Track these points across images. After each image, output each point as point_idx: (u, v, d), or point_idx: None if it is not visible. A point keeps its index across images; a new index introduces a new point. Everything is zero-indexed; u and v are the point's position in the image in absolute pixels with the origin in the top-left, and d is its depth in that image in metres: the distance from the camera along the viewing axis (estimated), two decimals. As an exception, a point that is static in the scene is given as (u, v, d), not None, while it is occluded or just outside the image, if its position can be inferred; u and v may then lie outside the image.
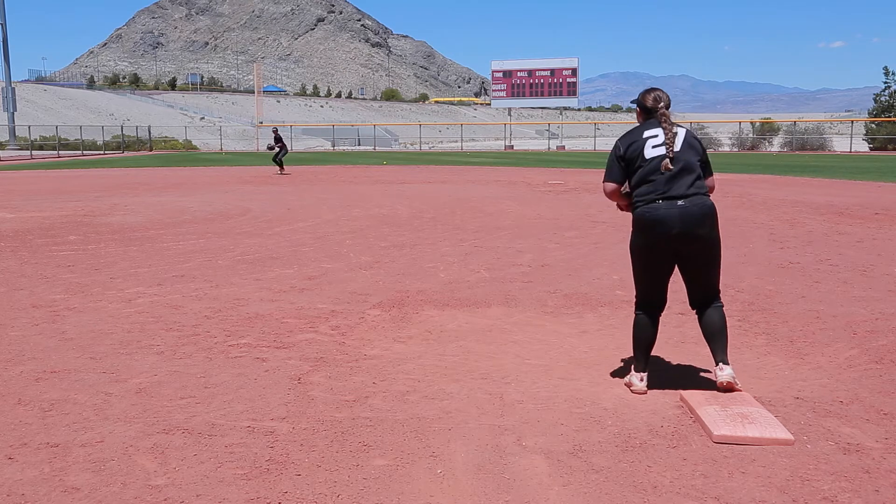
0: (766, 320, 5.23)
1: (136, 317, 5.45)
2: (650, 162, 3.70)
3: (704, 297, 3.79)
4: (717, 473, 2.90)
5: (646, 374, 3.84)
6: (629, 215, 3.98)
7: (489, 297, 6.04)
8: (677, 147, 3.69)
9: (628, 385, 3.85)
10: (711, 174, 3.84)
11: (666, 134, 3.70)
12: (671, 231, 3.61)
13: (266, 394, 3.80)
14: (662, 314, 3.90)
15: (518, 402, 3.67)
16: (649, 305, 3.85)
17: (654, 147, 3.71)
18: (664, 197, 3.63)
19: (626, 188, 3.88)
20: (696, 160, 3.72)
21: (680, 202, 3.61)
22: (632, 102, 4.07)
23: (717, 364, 3.70)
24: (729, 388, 3.64)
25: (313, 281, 6.76)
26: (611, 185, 3.90)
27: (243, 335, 4.93)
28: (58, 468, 2.96)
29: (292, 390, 3.85)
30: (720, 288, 3.83)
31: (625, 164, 3.81)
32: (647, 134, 3.77)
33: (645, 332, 3.85)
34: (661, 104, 3.82)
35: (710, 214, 3.65)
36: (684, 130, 3.77)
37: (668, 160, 3.65)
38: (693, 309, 3.87)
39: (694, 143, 3.77)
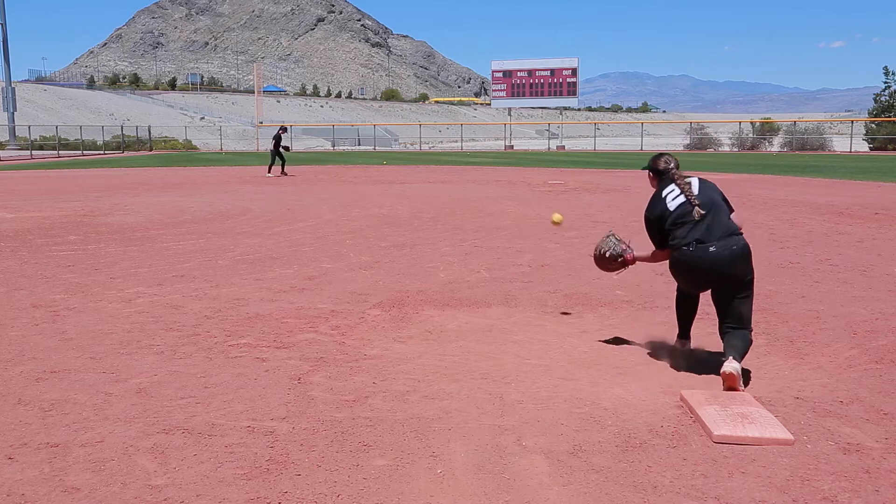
0: (766, 320, 5.22)
1: (136, 317, 5.45)
2: (675, 211, 3.98)
3: (733, 326, 3.92)
4: (717, 473, 2.90)
5: (686, 342, 4.38)
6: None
7: (489, 297, 6.04)
8: (695, 192, 3.99)
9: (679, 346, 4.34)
10: (733, 210, 4.08)
11: (681, 187, 4.02)
12: (702, 274, 3.90)
13: (266, 394, 3.80)
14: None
15: (518, 402, 3.67)
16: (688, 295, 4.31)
17: (674, 199, 4.04)
18: (697, 242, 3.87)
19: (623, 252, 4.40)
20: (719, 197, 4.01)
21: (711, 248, 3.83)
22: (643, 168, 4.43)
23: (726, 357, 3.77)
24: (730, 381, 3.64)
25: (313, 281, 6.76)
26: (661, 252, 4.18)
27: (243, 335, 4.93)
28: (58, 468, 2.96)
29: (292, 390, 3.85)
30: (751, 318, 3.97)
31: (658, 223, 4.09)
32: (665, 192, 4.11)
33: (685, 306, 4.31)
34: (672, 164, 4.19)
35: (740, 255, 3.86)
36: (696, 178, 4.09)
37: (696, 207, 3.92)
38: (720, 332, 4.01)
39: (708, 184, 4.08)
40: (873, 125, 49.81)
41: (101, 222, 11.43)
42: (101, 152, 51.48)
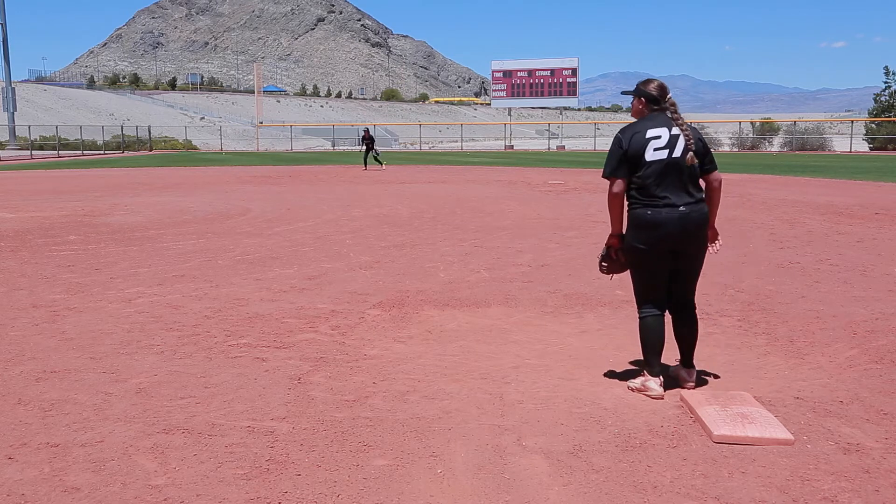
0: (766, 320, 5.22)
1: (136, 317, 5.45)
2: (650, 165, 3.57)
3: (685, 300, 3.84)
4: (717, 473, 2.90)
5: (661, 378, 3.74)
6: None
7: (489, 297, 6.04)
8: (678, 150, 3.59)
9: (642, 390, 3.71)
10: (716, 168, 3.76)
11: (681, 127, 3.62)
12: (672, 233, 3.59)
13: (266, 394, 3.80)
14: (645, 322, 3.79)
15: (518, 402, 3.67)
16: (652, 303, 3.74)
17: (655, 150, 3.57)
18: (666, 203, 3.57)
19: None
20: (693, 168, 3.65)
21: (682, 208, 3.57)
22: (627, 93, 3.85)
23: (686, 366, 3.82)
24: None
25: (313, 281, 6.76)
26: (618, 182, 3.64)
27: (243, 335, 4.93)
28: (58, 468, 2.96)
29: (292, 390, 3.85)
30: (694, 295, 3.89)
31: (628, 160, 3.62)
32: (650, 133, 3.60)
33: (654, 334, 3.72)
34: (670, 95, 3.71)
35: (704, 223, 3.67)
36: (685, 139, 3.66)
37: (692, 153, 3.60)
38: (668, 310, 3.82)
39: (697, 143, 3.70)
40: (873, 125, 49.81)
41: (101, 222, 11.43)
42: (101, 152, 51.48)
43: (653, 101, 3.69)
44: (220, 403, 3.66)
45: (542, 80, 56.67)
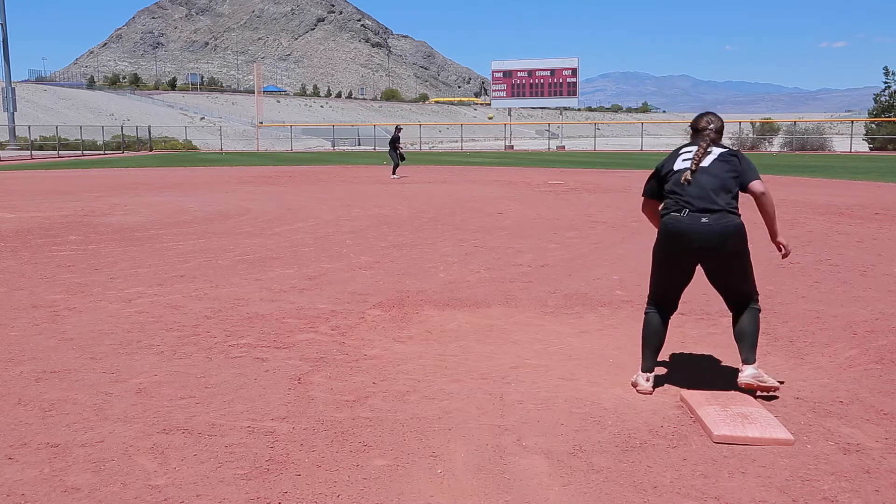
0: (766, 320, 5.21)
1: (136, 317, 5.45)
2: (676, 173, 3.78)
3: (736, 303, 3.82)
4: (717, 473, 2.90)
5: (652, 374, 3.84)
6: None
7: (489, 297, 6.04)
8: (706, 162, 3.73)
9: (634, 385, 3.85)
10: (756, 178, 3.78)
11: (698, 149, 3.78)
12: (691, 245, 3.65)
13: (266, 394, 3.80)
14: (648, 320, 3.91)
15: (518, 402, 3.67)
16: (656, 303, 3.89)
17: (683, 160, 3.80)
18: (690, 209, 3.66)
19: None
20: (729, 175, 3.71)
21: (704, 218, 3.64)
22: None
23: (742, 363, 3.73)
24: (748, 389, 3.65)
25: (313, 281, 6.76)
26: (644, 199, 4.02)
27: (243, 335, 4.93)
28: (58, 468, 2.96)
29: (292, 390, 3.85)
30: (755, 291, 3.81)
31: (658, 179, 3.89)
32: (683, 151, 3.89)
33: (653, 331, 3.86)
34: (711, 126, 3.92)
35: (732, 234, 3.65)
36: (722, 149, 3.80)
37: (688, 172, 3.71)
38: (729, 310, 3.89)
39: (730, 159, 3.76)
40: (873, 125, 49.82)
41: (101, 222, 11.43)
42: (102, 152, 51.48)
43: (694, 131, 4.00)
44: (220, 403, 3.66)
45: (542, 81, 56.65)
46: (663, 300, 3.87)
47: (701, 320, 5.25)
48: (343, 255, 8.17)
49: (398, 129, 23.41)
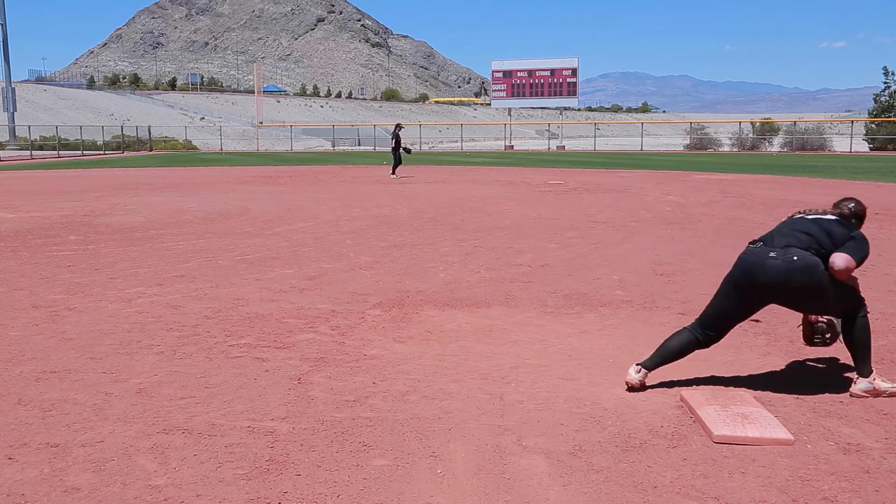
0: (766, 320, 5.22)
1: (136, 317, 5.45)
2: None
3: (841, 318, 3.81)
4: (717, 473, 2.90)
5: (647, 371, 3.82)
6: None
7: (489, 297, 6.04)
8: (810, 216, 3.90)
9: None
10: (851, 255, 3.68)
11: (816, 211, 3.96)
12: (755, 277, 3.68)
13: (266, 394, 3.80)
14: (682, 330, 3.89)
15: (518, 402, 3.67)
16: (699, 320, 3.86)
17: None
18: (765, 243, 3.77)
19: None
20: (819, 231, 3.73)
21: (772, 254, 3.68)
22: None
23: (858, 373, 3.76)
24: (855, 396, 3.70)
25: (313, 281, 6.76)
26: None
27: (243, 335, 4.93)
28: (58, 468, 2.96)
29: (292, 390, 3.85)
30: (853, 305, 3.75)
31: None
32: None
33: (671, 339, 3.88)
34: (850, 205, 4.11)
35: (797, 269, 3.59)
36: (833, 217, 3.90)
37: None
38: None
39: (831, 227, 3.78)
40: (873, 125, 49.79)
41: (101, 222, 11.43)
42: (102, 152, 51.48)
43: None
44: (220, 403, 3.66)
45: (542, 81, 56.62)
46: (704, 317, 3.87)
47: (701, 320, 5.24)
48: (343, 255, 8.17)
49: (398, 127, 23.24)
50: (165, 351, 4.57)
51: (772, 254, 3.68)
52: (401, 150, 22.64)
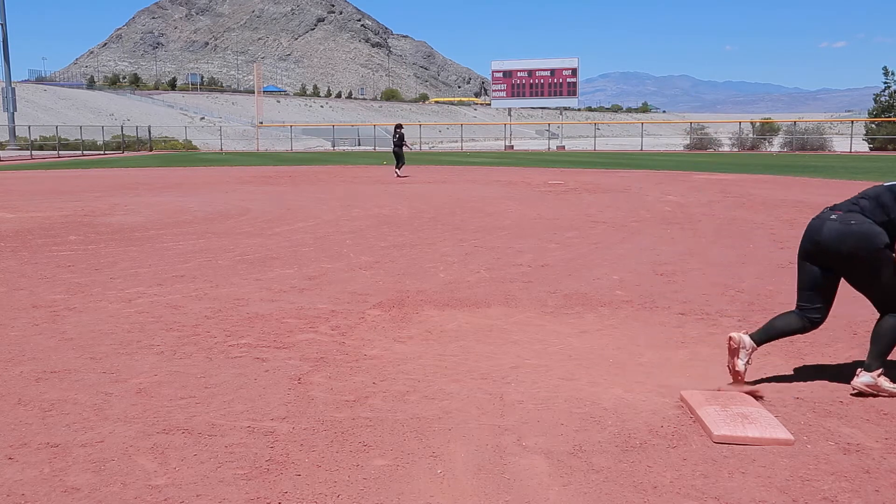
0: (765, 320, 5.20)
1: (136, 317, 5.45)
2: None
3: (877, 309, 3.77)
4: (717, 473, 2.90)
5: (753, 350, 3.79)
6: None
7: (489, 297, 6.04)
8: (887, 183, 3.74)
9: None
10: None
11: None
12: (814, 238, 3.67)
13: (266, 394, 3.80)
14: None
15: (518, 402, 3.67)
16: (798, 301, 3.85)
17: None
18: (830, 207, 3.72)
19: None
20: (892, 201, 3.60)
21: (833, 215, 3.64)
22: None
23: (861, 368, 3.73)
24: (859, 394, 3.67)
25: (313, 281, 6.76)
26: None
27: (243, 335, 4.93)
28: (58, 468, 2.96)
29: (292, 390, 3.85)
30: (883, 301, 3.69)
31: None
32: None
33: (779, 318, 3.88)
34: None
35: (852, 234, 3.55)
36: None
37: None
38: None
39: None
40: (873, 125, 49.79)
41: (101, 222, 11.43)
42: (102, 152, 51.48)
43: None
44: (220, 403, 3.66)
45: (542, 81, 56.62)
46: (802, 300, 3.82)
47: (701, 320, 5.25)
48: (343, 255, 8.17)
49: (400, 126, 23.56)
50: (165, 351, 4.57)
51: (833, 216, 3.63)
52: (402, 149, 22.81)
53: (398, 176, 22.10)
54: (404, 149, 22.99)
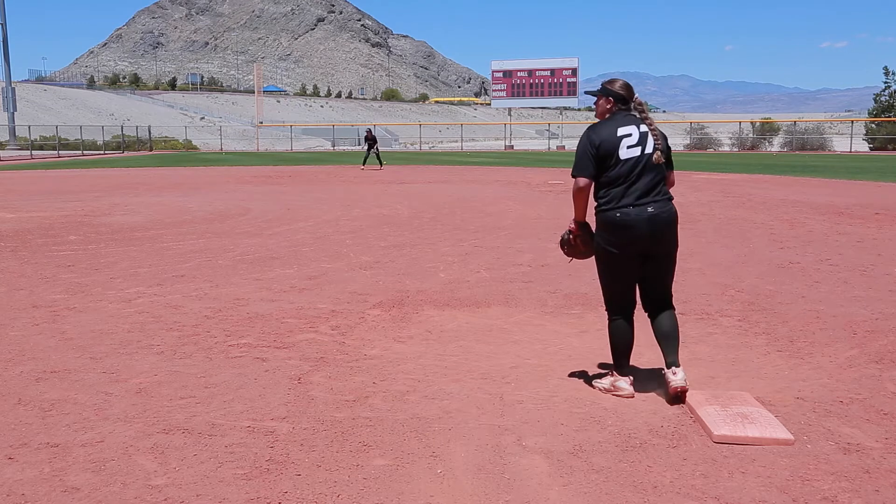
0: (766, 320, 5.22)
1: (136, 317, 5.44)
2: (624, 164, 3.53)
3: (661, 301, 3.74)
4: (717, 473, 2.90)
5: (631, 378, 3.77)
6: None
7: (489, 297, 6.04)
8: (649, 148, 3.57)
9: (612, 391, 3.74)
10: (672, 169, 3.71)
11: (649, 126, 3.59)
12: (641, 234, 3.54)
13: (266, 394, 3.80)
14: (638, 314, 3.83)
15: (518, 402, 3.67)
16: (621, 307, 3.75)
17: (629, 147, 3.53)
18: (634, 203, 3.52)
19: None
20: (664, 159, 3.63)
21: (650, 209, 3.53)
22: (591, 93, 3.77)
23: (668, 367, 3.63)
24: (682, 393, 3.58)
25: (313, 281, 6.76)
26: (584, 180, 3.59)
27: (243, 335, 4.93)
28: (58, 468, 2.96)
29: (292, 390, 3.85)
30: (672, 293, 3.78)
31: (597, 159, 3.57)
32: (621, 132, 3.56)
33: (624, 337, 3.76)
34: (636, 94, 3.67)
35: (674, 222, 3.62)
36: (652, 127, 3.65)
37: (658, 153, 3.55)
38: (646, 312, 3.77)
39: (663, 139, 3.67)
40: (873, 125, 49.80)
41: (101, 222, 11.43)
42: (102, 152, 51.48)
43: (620, 101, 3.66)
44: (220, 403, 3.66)
45: (542, 80, 56.64)
46: (623, 300, 3.73)
47: (701, 320, 5.25)
48: (343, 255, 8.17)
49: (369, 130, 28.65)
50: (165, 351, 4.57)
51: (650, 208, 3.58)
52: (373, 151, 27.39)
53: (363, 169, 26.24)
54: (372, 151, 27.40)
